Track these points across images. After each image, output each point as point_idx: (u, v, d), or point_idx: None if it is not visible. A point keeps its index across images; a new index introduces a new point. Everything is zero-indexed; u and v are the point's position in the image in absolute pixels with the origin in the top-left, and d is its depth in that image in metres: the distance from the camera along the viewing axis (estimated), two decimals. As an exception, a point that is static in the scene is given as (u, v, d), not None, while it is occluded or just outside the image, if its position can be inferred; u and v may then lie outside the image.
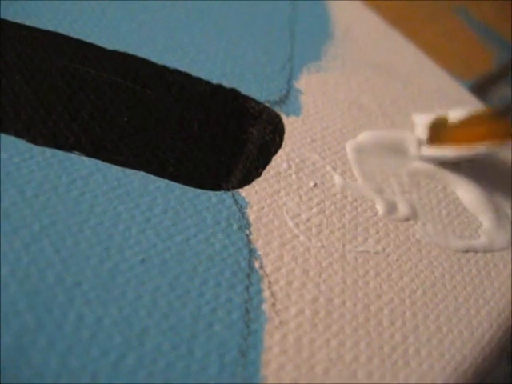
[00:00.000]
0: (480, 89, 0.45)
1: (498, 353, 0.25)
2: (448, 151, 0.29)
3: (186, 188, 0.24)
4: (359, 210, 0.26)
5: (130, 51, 0.28)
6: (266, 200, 0.25)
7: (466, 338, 0.24)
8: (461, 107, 0.32)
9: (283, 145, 0.27)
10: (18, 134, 0.23)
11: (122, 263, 0.21)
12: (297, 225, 0.25)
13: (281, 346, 0.21)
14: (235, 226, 0.24)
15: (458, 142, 0.29)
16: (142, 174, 0.24)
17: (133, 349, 0.19)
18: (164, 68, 0.28)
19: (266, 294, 0.22)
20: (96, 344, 0.19)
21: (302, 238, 0.24)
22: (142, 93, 0.26)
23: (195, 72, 0.28)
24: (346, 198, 0.26)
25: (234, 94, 0.28)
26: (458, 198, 0.29)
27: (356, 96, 0.31)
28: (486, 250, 0.28)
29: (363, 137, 0.30)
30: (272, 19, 0.33)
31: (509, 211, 0.30)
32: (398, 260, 0.25)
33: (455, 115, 0.31)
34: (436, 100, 0.34)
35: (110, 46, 0.27)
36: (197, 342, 0.20)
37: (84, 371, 0.18)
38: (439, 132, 0.31)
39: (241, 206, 0.24)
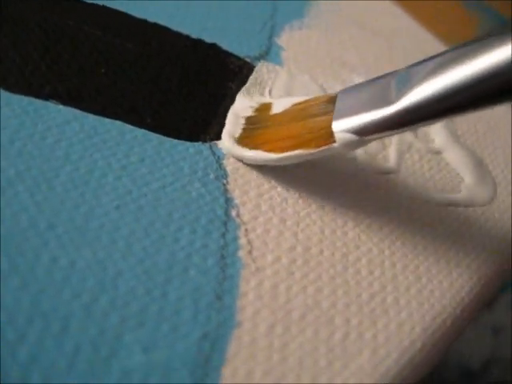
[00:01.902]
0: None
1: (478, 305, 0.25)
2: (251, 153, 0.24)
3: (164, 138, 0.24)
4: (338, 163, 0.26)
5: (110, 4, 0.27)
6: (243, 151, 0.25)
7: (446, 289, 0.24)
8: (291, 96, 0.27)
9: (263, 99, 0.27)
10: (-6, 83, 0.23)
11: (97, 208, 0.21)
12: (275, 176, 0.24)
13: (257, 292, 0.21)
14: (212, 176, 0.23)
15: (274, 139, 0.24)
16: (119, 123, 0.23)
17: (106, 291, 0.19)
18: (144, 21, 0.27)
19: (243, 241, 0.22)
20: (69, 286, 0.19)
21: (279, 188, 0.24)
22: (120, 45, 0.26)
23: (175, 26, 0.28)
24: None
25: (213, 48, 0.28)
26: (440, 152, 0.29)
27: (339, 53, 0.31)
28: (467, 205, 0.27)
29: None
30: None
31: (491, 167, 0.30)
32: (377, 211, 0.25)
33: (282, 103, 0.25)
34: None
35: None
36: (171, 286, 0.20)
37: (56, 313, 0.18)
38: (258, 123, 0.25)
39: (218, 157, 0.24)
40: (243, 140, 0.25)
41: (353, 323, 0.22)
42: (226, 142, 0.25)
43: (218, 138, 0.25)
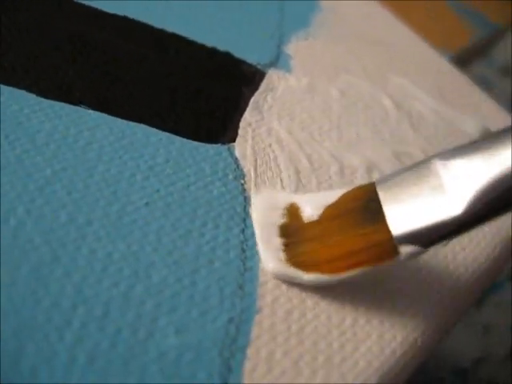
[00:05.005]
0: (459, 63, 0.47)
1: (474, 294, 0.27)
2: (312, 277, 0.23)
3: (185, 141, 0.26)
4: (346, 171, 0.28)
5: (131, 15, 0.29)
6: (259, 153, 0.27)
7: (445, 280, 0.26)
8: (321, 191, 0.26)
9: (274, 104, 0.29)
10: (28, 88, 0.24)
11: (129, 205, 0.23)
12: (288, 176, 0.27)
13: (274, 281, 0.23)
14: (231, 176, 0.25)
15: (332, 259, 0.22)
16: (144, 126, 0.25)
17: (141, 280, 0.21)
18: (163, 31, 0.29)
19: (260, 236, 0.24)
20: (107, 275, 0.21)
21: (292, 187, 0.26)
22: (142, 54, 0.28)
23: (192, 36, 0.30)
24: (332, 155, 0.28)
25: (227, 56, 0.30)
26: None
27: (343, 62, 0.33)
28: None
29: None
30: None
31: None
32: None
33: (308, 203, 0.24)
34: (418, 68, 0.36)
35: (111, 11, 0.29)
36: (199, 276, 0.22)
37: (97, 299, 0.20)
38: (293, 232, 0.23)
39: (236, 158, 0.26)
40: (292, 260, 0.23)
41: (361, 309, 0.24)
42: (272, 264, 0.23)
43: (235, 140, 0.27)
